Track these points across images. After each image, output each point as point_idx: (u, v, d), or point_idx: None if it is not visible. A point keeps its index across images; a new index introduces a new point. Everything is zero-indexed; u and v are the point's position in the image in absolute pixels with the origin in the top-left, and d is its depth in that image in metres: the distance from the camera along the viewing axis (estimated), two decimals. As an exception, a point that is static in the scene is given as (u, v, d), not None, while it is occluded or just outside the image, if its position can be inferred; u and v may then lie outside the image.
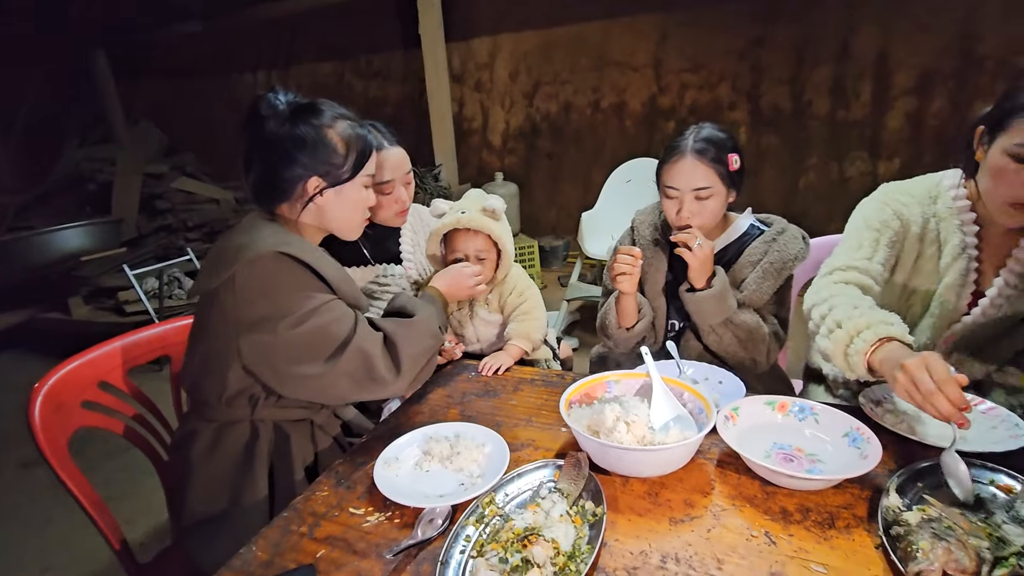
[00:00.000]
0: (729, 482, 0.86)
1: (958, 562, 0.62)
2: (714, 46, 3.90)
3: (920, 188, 1.15)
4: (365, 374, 0.99)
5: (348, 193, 1.08)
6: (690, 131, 1.26)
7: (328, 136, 1.04)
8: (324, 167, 1.04)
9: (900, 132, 3.56)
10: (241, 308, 0.96)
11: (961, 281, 1.09)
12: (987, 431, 0.91)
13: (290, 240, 1.00)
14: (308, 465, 1.13)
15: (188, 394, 1.12)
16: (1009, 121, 0.95)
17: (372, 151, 1.10)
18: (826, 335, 0.99)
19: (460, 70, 4.84)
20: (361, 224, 1.16)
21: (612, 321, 1.38)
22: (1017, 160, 0.94)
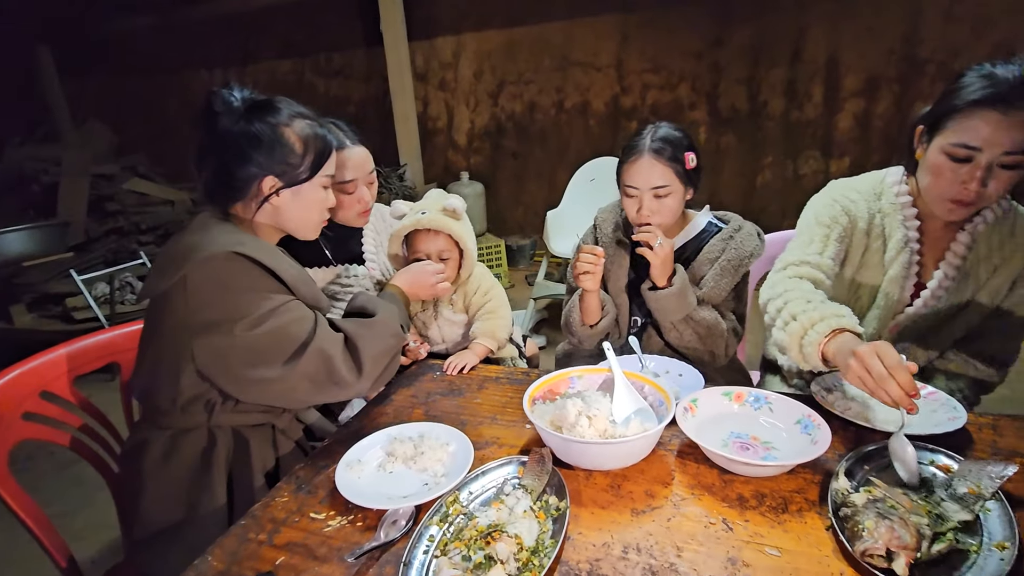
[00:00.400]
0: (689, 472, 0.88)
1: (900, 539, 0.65)
2: (673, 47, 3.99)
3: (865, 185, 1.20)
4: (326, 376, 0.97)
5: (306, 193, 1.06)
6: (647, 131, 1.28)
7: (285, 135, 1.01)
8: (280, 167, 1.02)
9: (849, 132, 3.71)
10: (194, 310, 0.93)
11: (904, 273, 1.14)
12: (928, 415, 0.95)
13: (244, 240, 0.97)
14: (269, 471, 1.10)
15: (139, 402, 1.08)
16: (945, 121, 1.00)
17: (332, 151, 1.08)
18: (782, 328, 1.03)
19: (424, 69, 4.80)
20: (319, 225, 1.14)
21: (576, 319, 1.39)
22: (953, 159, 0.99)
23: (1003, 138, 0.94)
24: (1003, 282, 1.10)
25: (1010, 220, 1.10)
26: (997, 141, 0.94)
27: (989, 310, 1.12)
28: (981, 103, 0.95)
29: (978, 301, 1.12)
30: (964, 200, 1.00)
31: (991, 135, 0.94)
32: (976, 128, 0.96)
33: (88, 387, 1.16)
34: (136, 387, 1.07)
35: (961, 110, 0.97)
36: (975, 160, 0.97)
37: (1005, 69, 0.95)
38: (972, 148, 0.97)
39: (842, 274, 1.21)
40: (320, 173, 1.06)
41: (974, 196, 0.99)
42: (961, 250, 1.11)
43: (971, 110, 0.96)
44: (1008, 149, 0.94)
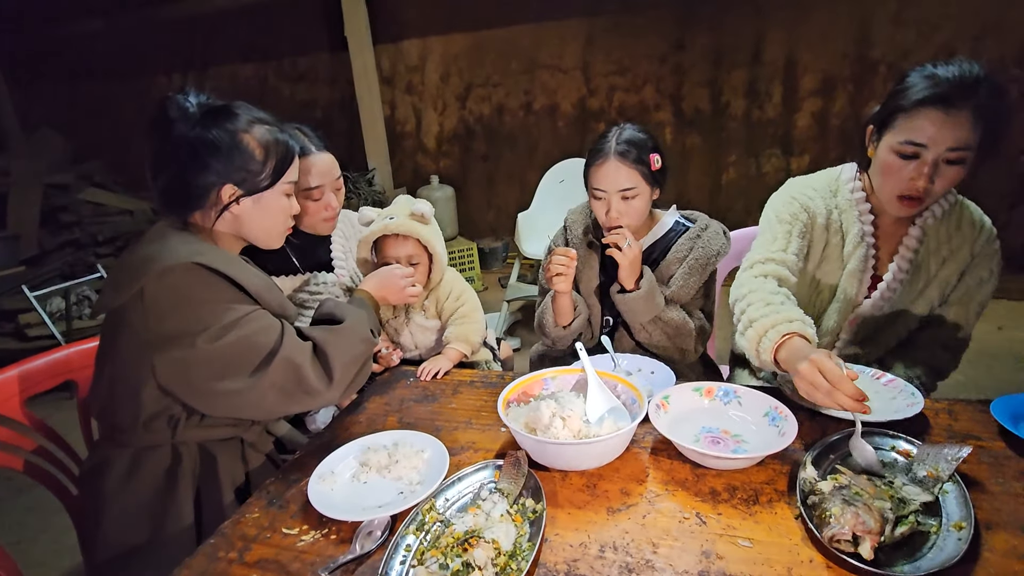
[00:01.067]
0: (662, 468, 0.89)
1: (865, 523, 0.68)
2: (638, 50, 4.05)
3: (821, 182, 1.24)
4: (295, 385, 0.95)
5: (268, 201, 1.04)
6: (612, 133, 1.30)
7: (244, 141, 0.99)
8: (240, 174, 0.99)
9: (808, 130, 3.83)
10: (153, 324, 0.90)
11: (862, 267, 1.19)
12: (888, 401, 0.99)
13: (204, 249, 0.95)
14: (239, 486, 1.07)
15: (98, 420, 1.04)
16: (893, 121, 1.04)
17: (294, 157, 1.06)
18: (742, 332, 1.06)
19: (390, 73, 4.76)
20: (283, 234, 1.11)
21: (549, 320, 1.40)
22: (901, 156, 1.04)
23: (946, 135, 0.98)
24: (952, 273, 1.15)
25: (956, 213, 1.15)
26: (941, 138, 0.99)
27: (941, 300, 1.17)
28: (925, 102, 0.99)
29: (930, 292, 1.17)
30: (913, 195, 1.05)
31: (935, 133, 0.99)
32: (921, 126, 1.00)
33: (44, 407, 1.12)
34: (95, 405, 1.03)
35: (907, 110, 1.02)
36: (922, 157, 1.01)
37: (946, 70, 1.00)
38: (918, 145, 1.01)
39: (804, 270, 1.24)
40: (282, 180, 1.04)
41: (922, 191, 1.03)
42: (913, 244, 1.15)
43: (916, 109, 1.00)
44: (952, 145, 0.99)
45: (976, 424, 0.94)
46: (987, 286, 1.15)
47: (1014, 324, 2.97)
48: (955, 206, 1.15)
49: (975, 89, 0.97)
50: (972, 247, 1.13)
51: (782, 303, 1.05)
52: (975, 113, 0.97)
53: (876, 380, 1.05)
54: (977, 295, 1.15)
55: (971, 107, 0.97)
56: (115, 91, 5.71)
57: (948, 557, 0.64)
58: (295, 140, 1.09)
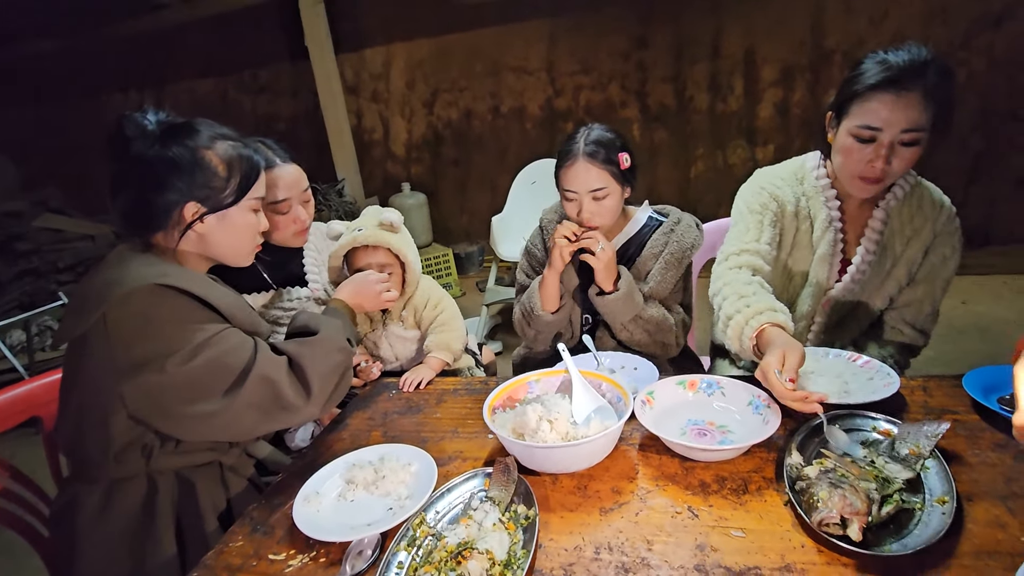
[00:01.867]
0: (651, 464, 0.89)
1: (852, 505, 0.69)
2: (601, 49, 4.09)
3: (788, 171, 1.26)
4: (272, 402, 0.92)
5: (233, 218, 1.01)
6: (580, 134, 1.29)
7: (206, 158, 0.96)
8: (203, 191, 0.96)
9: (771, 120, 3.91)
10: (118, 351, 0.86)
11: (831, 251, 1.21)
12: (865, 383, 1.01)
13: (168, 270, 0.91)
14: (221, 512, 1.03)
15: (67, 456, 0.99)
16: (849, 106, 1.08)
17: (260, 172, 1.03)
18: (723, 330, 1.09)
19: (354, 81, 4.71)
20: (251, 251, 1.08)
21: (536, 304, 1.37)
22: (859, 140, 1.07)
23: (900, 117, 1.02)
24: (917, 252, 1.18)
25: (917, 194, 1.18)
26: (895, 120, 1.02)
27: (908, 279, 1.21)
28: (877, 87, 1.03)
29: (897, 272, 1.20)
30: (872, 177, 1.08)
31: (889, 115, 1.02)
32: (876, 110, 1.03)
33: (9, 445, 1.06)
34: (62, 440, 0.98)
35: (862, 94, 1.05)
36: (878, 139, 1.05)
37: (896, 55, 1.04)
38: (874, 128, 1.04)
39: (776, 258, 1.26)
40: (248, 196, 1.01)
41: (880, 173, 1.06)
42: (878, 225, 1.18)
43: (870, 94, 1.04)
44: (905, 127, 1.02)
45: (950, 399, 0.96)
46: (950, 263, 1.18)
47: (976, 298, 3.08)
48: (915, 187, 1.18)
49: (924, 72, 1.00)
50: (934, 226, 1.17)
51: (754, 294, 1.07)
52: (925, 95, 1.00)
53: (852, 362, 1.07)
54: (942, 272, 1.19)
55: (921, 89, 1.00)
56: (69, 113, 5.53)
57: (934, 532, 0.66)
58: (259, 154, 1.06)
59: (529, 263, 1.49)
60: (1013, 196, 3.54)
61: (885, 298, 1.22)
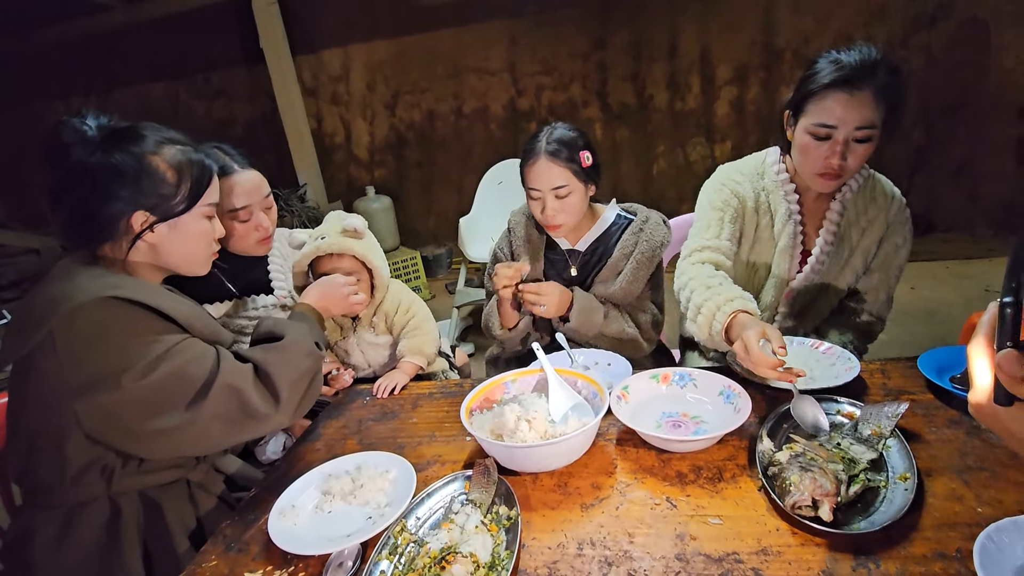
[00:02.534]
0: (629, 458, 0.91)
1: (822, 487, 0.71)
2: (561, 49, 4.12)
3: (749, 166, 1.30)
4: (239, 412, 0.89)
5: (185, 226, 0.97)
6: (543, 133, 1.31)
7: (153, 164, 0.92)
8: (151, 199, 0.92)
9: (728, 118, 4.03)
10: (69, 369, 0.82)
11: (791, 244, 1.25)
12: (827, 368, 1.05)
13: (118, 282, 0.87)
14: (192, 532, 1.00)
15: (18, 483, 0.94)
16: (805, 105, 1.12)
17: (212, 176, 0.99)
18: (693, 319, 1.11)
19: (313, 84, 4.62)
20: (207, 259, 1.04)
21: (495, 323, 1.42)
22: (815, 137, 1.11)
23: (853, 115, 1.06)
24: (871, 242, 1.24)
25: (870, 187, 1.24)
26: (849, 118, 1.06)
27: (864, 268, 1.26)
28: (831, 86, 1.07)
29: (854, 261, 1.25)
30: (830, 173, 1.12)
31: (843, 114, 1.06)
32: (830, 108, 1.07)
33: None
34: (12, 467, 0.93)
35: (816, 93, 1.09)
36: (833, 137, 1.09)
37: (848, 55, 1.08)
38: (829, 127, 1.08)
39: (739, 252, 1.30)
40: (201, 202, 0.97)
41: (837, 169, 1.11)
42: (835, 217, 1.23)
43: (824, 93, 1.08)
44: (859, 124, 1.06)
45: (906, 380, 1.01)
46: (903, 251, 1.24)
47: (923, 283, 3.25)
48: (868, 180, 1.24)
49: (874, 71, 1.05)
50: (887, 216, 1.22)
51: (720, 284, 1.11)
52: (876, 93, 1.05)
53: (815, 350, 1.11)
54: (895, 260, 1.25)
55: (872, 88, 1.05)
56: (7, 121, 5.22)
57: (898, 508, 0.69)
58: (212, 158, 1.02)
59: None
60: (952, 186, 3.75)
61: (844, 286, 1.27)
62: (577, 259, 1.41)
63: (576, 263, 1.41)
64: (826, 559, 0.66)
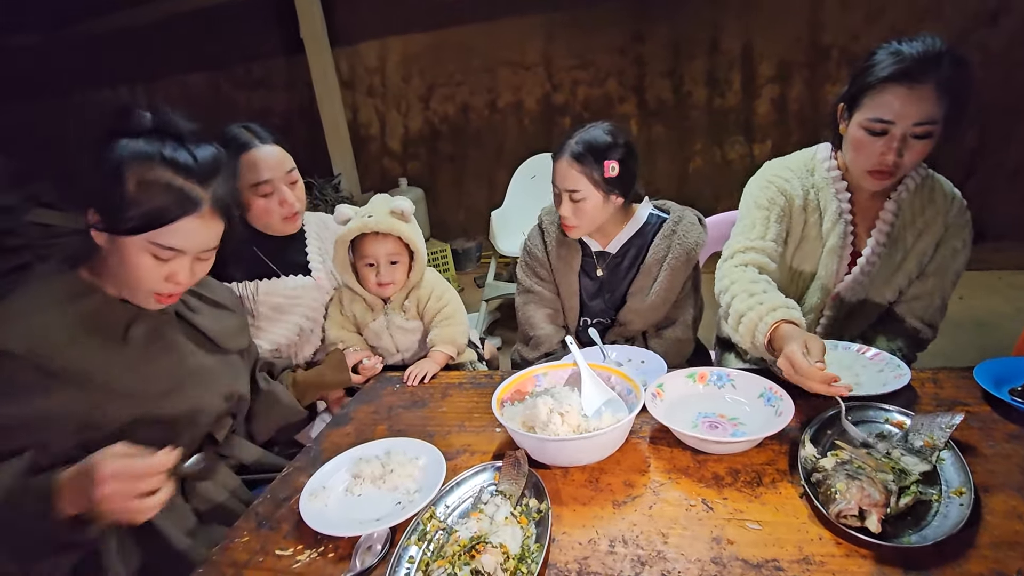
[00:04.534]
0: (663, 457, 0.88)
1: (871, 497, 0.68)
2: (598, 44, 4.07)
3: (798, 162, 1.25)
4: None
5: (125, 249, 0.86)
6: (577, 131, 1.27)
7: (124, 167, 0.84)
8: (105, 202, 0.84)
9: (768, 116, 3.91)
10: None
11: (841, 244, 1.20)
12: (875, 375, 1.01)
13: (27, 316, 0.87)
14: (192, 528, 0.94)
15: None
16: (861, 99, 1.06)
17: (179, 218, 0.85)
18: (734, 328, 1.09)
19: (350, 75, 4.67)
20: (146, 295, 0.91)
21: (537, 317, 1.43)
22: (870, 132, 1.05)
23: (912, 110, 1.00)
24: (928, 245, 1.18)
25: (928, 186, 1.17)
26: (907, 114, 1.01)
27: (918, 272, 1.20)
28: (890, 79, 1.01)
29: (908, 264, 1.19)
30: (883, 170, 1.07)
31: (901, 108, 1.01)
32: (888, 103, 1.02)
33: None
34: None
35: (874, 87, 1.03)
36: (890, 133, 1.03)
37: (910, 46, 1.02)
38: (886, 122, 1.03)
39: (785, 251, 1.25)
40: (148, 237, 0.84)
41: (892, 166, 1.05)
42: (889, 218, 1.18)
43: (882, 86, 1.02)
44: (918, 120, 1.01)
45: (961, 391, 0.96)
46: (961, 256, 1.18)
47: (974, 293, 3.10)
48: (927, 179, 1.18)
49: (938, 63, 0.99)
50: (945, 218, 1.16)
51: (764, 291, 1.07)
52: (939, 87, 0.99)
53: (862, 355, 1.07)
54: (952, 265, 1.18)
55: (935, 81, 0.99)
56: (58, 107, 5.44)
57: (953, 524, 0.65)
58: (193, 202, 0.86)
59: (528, 263, 1.47)
60: (1006, 191, 3.56)
61: (895, 291, 1.22)
62: (606, 261, 1.38)
63: (604, 265, 1.38)
64: (873, 572, 0.63)
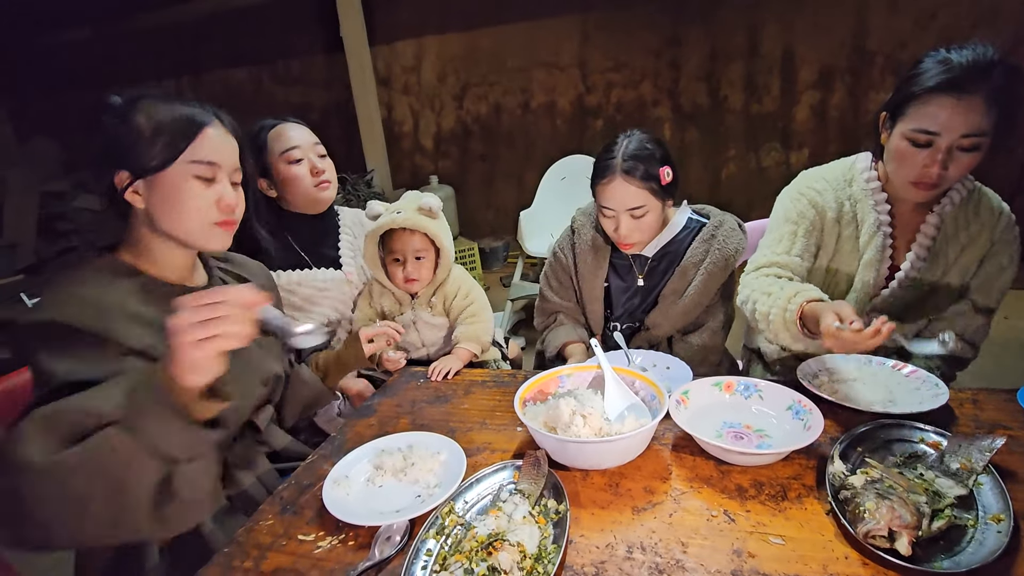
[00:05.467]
0: (685, 465, 0.87)
1: (901, 518, 0.66)
2: (633, 46, 4.03)
3: (835, 173, 1.22)
4: None
5: (168, 185, 0.86)
6: (618, 146, 1.24)
7: (132, 118, 0.86)
8: (128, 155, 0.85)
9: (807, 123, 3.81)
10: None
11: (879, 257, 1.17)
12: (911, 392, 0.97)
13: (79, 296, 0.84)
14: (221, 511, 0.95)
15: None
16: (905, 108, 1.03)
17: (199, 132, 0.87)
18: (767, 328, 1.09)
19: (386, 74, 4.74)
20: (201, 230, 0.90)
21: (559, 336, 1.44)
22: (914, 144, 1.02)
23: (959, 122, 0.96)
24: (971, 261, 1.13)
25: (975, 200, 1.13)
26: (954, 125, 0.97)
27: (960, 288, 1.16)
28: (937, 89, 0.97)
29: (949, 280, 1.15)
30: (927, 183, 1.03)
31: (947, 120, 0.97)
32: (933, 114, 0.98)
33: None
34: None
35: (919, 96, 1.00)
36: (935, 144, 0.99)
37: (959, 54, 0.98)
38: (931, 133, 0.99)
39: (818, 262, 1.23)
40: (184, 157, 0.86)
41: (936, 179, 1.02)
42: (931, 231, 1.14)
43: (928, 96, 0.98)
44: (965, 132, 0.97)
45: (1003, 413, 0.92)
46: (1007, 273, 1.13)
47: (1019, 313, 2.96)
48: (973, 192, 1.13)
49: (989, 73, 0.95)
50: (992, 234, 1.11)
51: (780, 287, 1.10)
52: (988, 98, 0.95)
53: (898, 371, 1.03)
54: (997, 282, 1.14)
55: (984, 92, 0.95)
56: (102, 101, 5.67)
57: (990, 551, 0.62)
58: (205, 114, 0.89)
59: (553, 269, 1.46)
60: (1062, 208, 3.39)
61: (934, 307, 1.18)
62: (644, 265, 1.36)
63: (643, 270, 1.36)
64: (901, 596, 0.61)
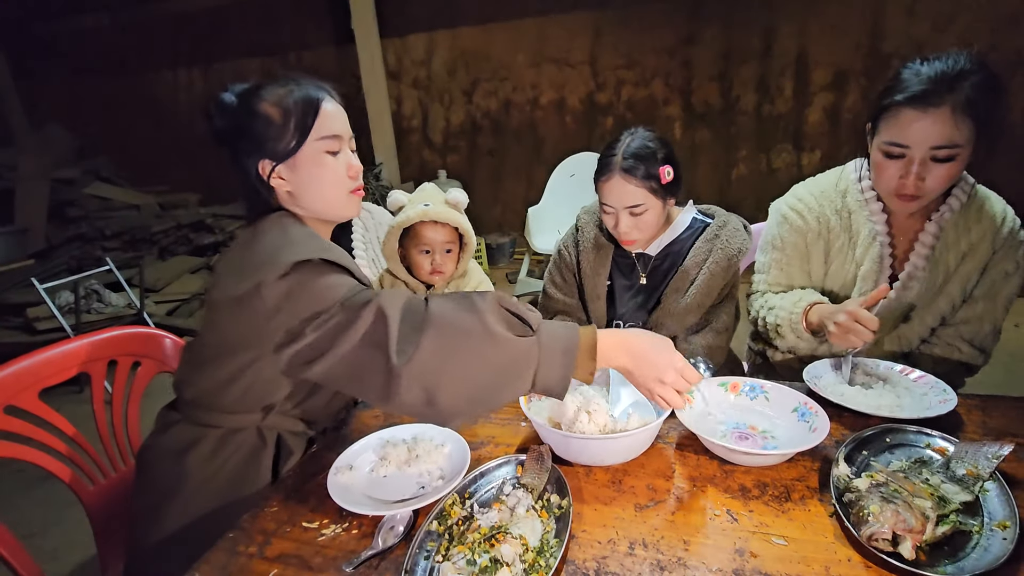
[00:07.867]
0: (689, 464, 0.87)
1: (906, 522, 0.66)
2: (646, 44, 4.02)
3: (826, 184, 1.21)
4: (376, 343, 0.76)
5: (305, 164, 0.95)
6: (620, 143, 1.23)
7: (261, 109, 0.93)
8: (266, 144, 0.93)
9: (820, 125, 3.79)
10: (282, 319, 0.83)
11: (877, 267, 1.15)
12: (919, 398, 0.97)
13: (326, 244, 0.91)
14: None
15: (190, 403, 0.99)
16: (879, 120, 1.02)
17: (318, 108, 0.95)
18: (779, 339, 1.22)
19: (396, 67, 4.74)
20: (345, 199, 0.99)
21: None
22: (887, 156, 1.01)
23: (927, 135, 0.95)
24: (973, 268, 1.11)
25: (976, 205, 1.10)
26: (922, 138, 0.96)
27: (963, 296, 1.14)
28: (903, 103, 0.96)
29: (951, 288, 1.13)
30: (906, 194, 1.02)
31: (916, 133, 0.96)
32: (902, 126, 0.97)
33: (55, 400, 1.10)
34: (189, 383, 0.99)
35: (889, 109, 0.99)
36: (907, 156, 0.99)
37: (929, 66, 0.96)
38: (901, 146, 0.98)
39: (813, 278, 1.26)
40: (313, 136, 0.94)
41: (914, 190, 1.00)
42: (929, 240, 1.11)
43: (897, 109, 0.97)
44: (935, 144, 0.95)
45: (1011, 421, 0.91)
46: (1014, 279, 1.11)
47: (1029, 321, 2.93)
48: (973, 198, 1.11)
49: (955, 85, 0.93)
50: (993, 240, 1.09)
51: (781, 299, 1.19)
52: (956, 109, 0.93)
53: (905, 376, 1.03)
54: (1003, 289, 1.12)
55: (951, 104, 0.93)
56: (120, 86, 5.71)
57: (995, 558, 0.62)
58: (321, 90, 0.98)
59: (557, 266, 1.45)
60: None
61: (936, 316, 1.15)
62: (647, 264, 1.36)
63: (646, 269, 1.36)
64: (903, 599, 0.61)
